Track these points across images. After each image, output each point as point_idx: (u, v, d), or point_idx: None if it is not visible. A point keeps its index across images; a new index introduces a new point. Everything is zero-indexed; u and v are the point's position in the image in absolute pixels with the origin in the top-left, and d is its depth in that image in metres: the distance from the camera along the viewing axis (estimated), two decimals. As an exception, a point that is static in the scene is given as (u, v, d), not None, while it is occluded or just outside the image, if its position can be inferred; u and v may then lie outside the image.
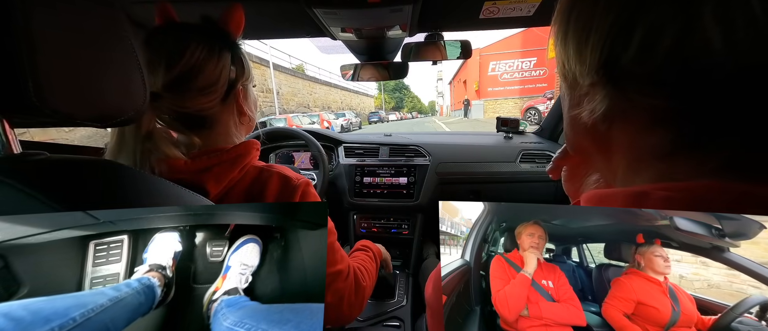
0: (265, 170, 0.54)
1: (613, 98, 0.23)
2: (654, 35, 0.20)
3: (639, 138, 0.23)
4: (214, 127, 0.52)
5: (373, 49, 1.11)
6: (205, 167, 0.48)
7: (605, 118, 0.24)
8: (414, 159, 1.39)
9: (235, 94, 0.53)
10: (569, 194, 0.37)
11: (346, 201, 1.38)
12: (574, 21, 0.24)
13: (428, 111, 76.44)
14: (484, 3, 0.79)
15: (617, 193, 0.23)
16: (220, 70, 0.49)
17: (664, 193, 0.20)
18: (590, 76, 0.23)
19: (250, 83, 0.57)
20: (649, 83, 0.21)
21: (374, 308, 1.28)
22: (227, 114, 0.53)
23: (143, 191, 0.37)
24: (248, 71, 0.55)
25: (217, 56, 0.48)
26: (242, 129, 0.58)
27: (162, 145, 0.47)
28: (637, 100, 0.22)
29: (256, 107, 0.60)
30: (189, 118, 0.49)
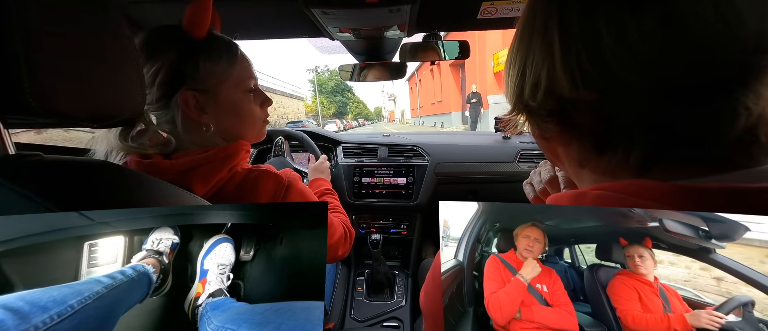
0: (253, 171, 0.53)
1: (530, 123, 0.30)
2: (535, 77, 0.26)
3: (565, 151, 0.29)
4: (175, 127, 0.51)
5: (371, 50, 1.11)
6: (190, 167, 0.48)
7: (539, 137, 0.31)
8: (412, 159, 1.39)
9: (177, 100, 0.48)
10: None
11: (345, 201, 1.38)
12: (506, 63, 0.31)
13: (375, 117, 67.06)
14: (482, 3, 0.79)
15: (563, 195, 0.28)
16: (153, 74, 0.47)
17: (597, 192, 0.24)
18: (513, 106, 0.31)
19: (219, 89, 0.51)
20: (543, 113, 0.27)
21: (373, 309, 1.28)
22: (177, 117, 0.50)
23: (138, 192, 0.37)
24: (207, 74, 0.49)
25: (151, 59, 0.47)
26: (211, 136, 0.53)
27: (142, 143, 0.46)
28: (543, 125, 0.28)
29: (237, 116, 0.54)
30: (159, 115, 0.50)
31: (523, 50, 0.27)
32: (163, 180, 0.42)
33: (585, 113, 0.25)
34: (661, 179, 0.22)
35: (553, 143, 0.30)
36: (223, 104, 0.52)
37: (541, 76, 0.25)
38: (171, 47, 0.47)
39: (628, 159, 0.24)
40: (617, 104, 0.23)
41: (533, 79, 0.26)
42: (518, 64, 0.28)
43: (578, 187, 0.31)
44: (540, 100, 0.26)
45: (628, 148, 0.24)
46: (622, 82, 0.22)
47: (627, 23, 0.21)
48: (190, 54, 0.48)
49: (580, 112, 0.25)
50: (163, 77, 0.47)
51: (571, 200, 0.27)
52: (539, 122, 0.29)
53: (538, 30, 0.25)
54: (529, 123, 0.31)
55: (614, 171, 0.25)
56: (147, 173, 0.45)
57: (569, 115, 0.25)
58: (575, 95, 0.24)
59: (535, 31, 0.26)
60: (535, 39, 0.26)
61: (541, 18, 0.25)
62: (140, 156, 0.48)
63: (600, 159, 0.26)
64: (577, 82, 0.23)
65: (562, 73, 0.24)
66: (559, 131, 0.28)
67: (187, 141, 0.52)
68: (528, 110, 0.29)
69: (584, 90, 0.23)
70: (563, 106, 0.25)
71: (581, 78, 0.23)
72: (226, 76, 0.51)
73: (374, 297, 1.35)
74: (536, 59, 0.26)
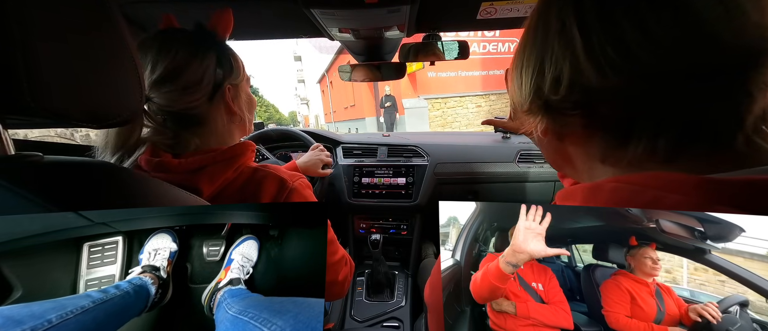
0: (259, 170, 0.55)
1: (548, 121, 0.30)
2: (556, 72, 0.26)
3: (583, 149, 0.30)
4: (203, 125, 0.53)
5: (370, 50, 1.11)
6: (199, 166, 0.49)
7: (553, 136, 0.31)
8: (412, 159, 1.39)
9: (221, 93, 0.53)
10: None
11: (345, 202, 1.38)
12: (514, 67, 0.32)
13: (290, 122, 57.00)
14: (482, 4, 0.80)
15: (577, 189, 0.28)
16: (203, 70, 0.50)
17: (613, 184, 0.24)
18: (527, 105, 0.30)
19: (241, 83, 0.57)
20: (567, 106, 0.27)
21: (373, 309, 1.28)
22: (215, 113, 0.54)
23: (139, 192, 0.37)
24: (237, 71, 0.56)
25: (201, 57, 0.50)
26: (234, 129, 0.58)
27: (150, 142, 0.49)
28: (565, 120, 0.28)
29: (249, 108, 0.60)
30: (177, 117, 0.51)
31: (537, 49, 0.28)
32: (171, 178, 0.43)
33: (611, 103, 0.25)
34: (687, 170, 0.22)
35: (566, 143, 0.31)
36: (244, 97, 0.59)
37: (562, 70, 0.26)
38: (212, 47, 0.52)
39: (654, 149, 0.24)
40: (644, 91, 0.23)
41: (554, 74, 0.27)
42: (533, 63, 0.29)
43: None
44: (563, 93, 0.27)
45: (654, 138, 0.24)
46: (648, 67, 0.22)
47: (643, 10, 0.22)
48: (225, 55, 0.54)
49: (606, 102, 0.25)
50: (209, 76, 0.51)
51: (585, 193, 0.27)
52: (561, 118, 0.29)
53: (554, 28, 0.26)
54: (546, 121, 0.30)
55: (640, 162, 0.25)
56: (157, 171, 0.47)
57: (594, 106, 0.26)
58: (603, 84, 0.24)
59: (550, 29, 0.27)
60: (551, 37, 0.27)
61: (555, 17, 0.26)
62: (150, 154, 0.49)
63: (624, 151, 0.26)
64: (605, 71, 0.24)
65: (587, 64, 0.24)
66: (582, 125, 0.28)
67: (212, 139, 0.54)
68: (547, 107, 0.29)
69: (613, 78, 0.24)
70: (588, 98, 0.26)
71: (608, 66, 0.23)
72: (244, 73, 0.58)
73: (374, 297, 1.35)
74: (556, 55, 0.26)
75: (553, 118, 0.29)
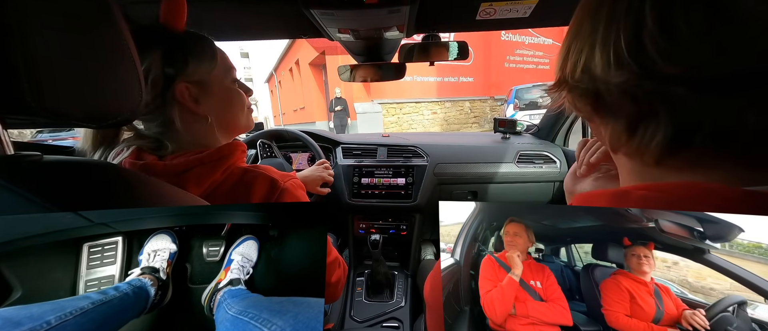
0: (249, 171, 0.53)
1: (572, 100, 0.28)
2: (577, 55, 0.25)
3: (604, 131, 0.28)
4: (170, 128, 0.50)
5: (370, 50, 1.11)
6: (184, 169, 0.47)
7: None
8: (412, 160, 1.39)
9: (172, 93, 0.48)
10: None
11: (345, 202, 1.38)
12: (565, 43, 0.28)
13: None
14: (481, 4, 0.80)
15: (602, 193, 0.26)
16: (144, 74, 0.45)
17: (642, 192, 0.23)
18: (555, 81, 0.28)
19: (210, 78, 0.51)
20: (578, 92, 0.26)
21: (373, 309, 1.28)
22: (173, 115, 0.49)
23: (139, 193, 0.37)
24: (198, 67, 0.50)
25: (141, 56, 0.46)
26: (208, 129, 0.53)
27: (135, 146, 0.47)
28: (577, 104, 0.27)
29: (228, 105, 0.55)
30: (143, 120, 0.49)
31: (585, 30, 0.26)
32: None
33: (615, 95, 0.24)
34: (725, 181, 0.21)
35: (593, 122, 0.30)
36: (217, 94, 0.53)
37: (582, 54, 0.25)
38: (156, 46, 0.47)
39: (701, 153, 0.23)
40: (648, 88, 0.22)
41: (575, 58, 0.26)
42: (569, 44, 0.28)
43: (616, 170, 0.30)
44: (577, 77, 0.26)
45: (653, 135, 0.23)
46: (654, 65, 0.21)
47: (674, 7, 0.21)
48: (175, 49, 0.48)
49: (611, 94, 0.24)
50: (155, 75, 0.47)
51: (611, 200, 0.26)
52: (575, 100, 0.28)
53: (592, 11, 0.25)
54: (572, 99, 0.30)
55: (683, 166, 0.24)
56: (144, 173, 0.45)
57: (600, 94, 0.25)
58: (607, 77, 0.23)
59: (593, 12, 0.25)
60: (586, 21, 0.26)
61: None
62: (135, 157, 0.48)
63: (629, 142, 0.25)
64: (611, 63, 0.23)
65: (599, 54, 0.24)
66: (590, 111, 0.27)
67: (186, 141, 0.51)
68: (567, 87, 0.28)
69: (615, 71, 0.23)
70: (596, 86, 0.25)
71: (615, 58, 0.23)
72: (213, 67, 0.52)
73: (374, 297, 1.35)
74: (586, 37, 0.25)
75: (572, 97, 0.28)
